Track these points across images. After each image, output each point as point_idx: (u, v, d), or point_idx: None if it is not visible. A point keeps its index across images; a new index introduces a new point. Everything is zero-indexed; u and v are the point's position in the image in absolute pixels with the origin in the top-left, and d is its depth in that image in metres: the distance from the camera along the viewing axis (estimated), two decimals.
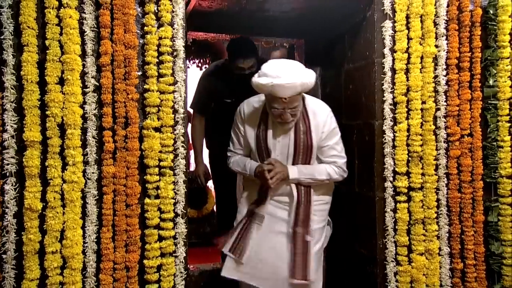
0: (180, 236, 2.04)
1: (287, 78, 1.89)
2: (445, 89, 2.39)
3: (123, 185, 1.94)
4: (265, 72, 1.95)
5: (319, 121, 2.13)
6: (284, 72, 1.91)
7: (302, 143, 2.12)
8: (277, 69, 1.94)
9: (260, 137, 2.15)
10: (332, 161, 2.17)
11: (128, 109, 1.95)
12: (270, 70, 1.95)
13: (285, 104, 1.96)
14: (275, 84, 1.89)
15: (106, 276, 1.89)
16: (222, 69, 3.08)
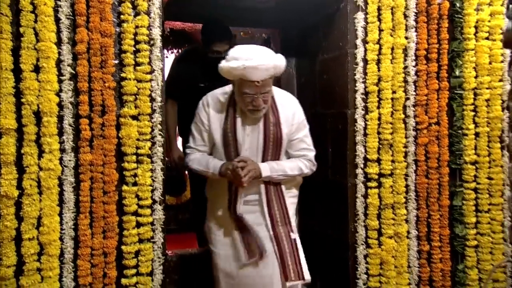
0: (158, 222, 2.02)
1: (260, 59, 1.78)
2: (414, 80, 2.41)
3: (101, 172, 1.91)
4: (235, 55, 1.82)
5: (289, 112, 2.02)
6: (255, 54, 1.81)
7: (272, 135, 1.97)
8: (248, 52, 1.83)
9: (227, 130, 1.97)
10: (302, 155, 2.05)
11: (105, 97, 1.92)
12: (240, 53, 1.83)
13: (257, 89, 1.83)
14: (248, 66, 1.76)
15: (84, 262, 1.87)
16: (195, 54, 3.02)
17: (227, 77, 1.90)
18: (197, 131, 2.05)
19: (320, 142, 2.67)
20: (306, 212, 2.80)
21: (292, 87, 3.10)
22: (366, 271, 2.33)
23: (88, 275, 1.88)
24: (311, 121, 2.82)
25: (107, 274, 1.92)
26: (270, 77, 1.85)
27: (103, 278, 1.91)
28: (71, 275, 1.86)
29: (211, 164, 1.98)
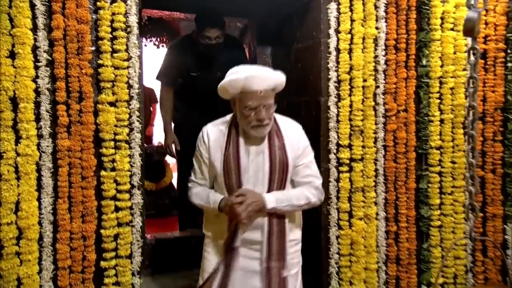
0: (136, 206, 2.02)
1: (260, 70, 1.75)
2: (384, 68, 2.43)
3: (79, 158, 1.90)
4: (233, 71, 1.75)
5: (293, 137, 1.88)
6: (254, 67, 1.79)
7: (278, 160, 1.80)
8: (247, 67, 1.78)
9: (229, 155, 1.79)
10: (308, 181, 1.87)
11: (82, 83, 1.89)
12: (239, 69, 1.75)
13: (260, 100, 1.71)
14: (249, 76, 1.68)
15: (63, 245, 1.86)
16: (188, 42, 3.04)
17: (227, 97, 1.80)
18: (197, 164, 1.90)
19: None
20: None
21: None
22: (338, 251, 2.38)
23: (67, 258, 1.87)
24: (286, 109, 2.84)
25: (86, 257, 1.91)
26: (271, 89, 1.76)
27: (83, 261, 1.91)
28: (50, 258, 1.85)
29: (212, 198, 1.82)
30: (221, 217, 1.82)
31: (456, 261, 2.56)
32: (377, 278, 2.43)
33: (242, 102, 1.75)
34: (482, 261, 2.62)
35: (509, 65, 2.56)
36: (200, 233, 2.95)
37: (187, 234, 2.85)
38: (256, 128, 1.76)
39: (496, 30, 2.58)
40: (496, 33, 2.58)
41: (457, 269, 2.57)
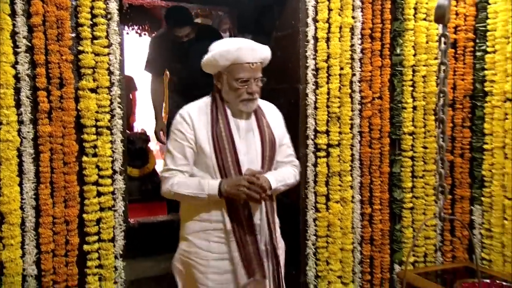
0: (118, 191, 2.01)
1: (251, 42, 1.70)
2: (360, 57, 2.45)
3: (60, 144, 1.87)
4: (222, 44, 1.70)
5: (275, 116, 1.87)
6: (243, 39, 1.73)
7: (267, 137, 1.75)
8: (235, 39, 1.75)
9: (220, 136, 1.67)
10: (290, 161, 1.87)
11: (62, 70, 1.86)
12: (227, 41, 1.73)
13: (252, 72, 1.66)
14: (242, 47, 1.64)
15: (46, 230, 1.85)
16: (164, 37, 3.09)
17: (213, 71, 1.72)
18: (177, 150, 1.69)
19: None
20: None
21: None
22: (315, 233, 2.42)
23: (50, 242, 1.86)
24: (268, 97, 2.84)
25: (69, 241, 1.90)
26: (260, 61, 1.71)
27: (66, 245, 1.90)
28: (33, 242, 1.83)
29: (205, 185, 1.63)
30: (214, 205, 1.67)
31: (426, 241, 2.63)
32: (352, 258, 2.48)
33: (232, 74, 1.67)
34: (450, 241, 2.69)
35: (477, 54, 2.62)
36: None
37: (169, 218, 2.86)
38: (246, 102, 1.70)
39: (465, 20, 2.62)
40: (465, 23, 2.62)
41: (427, 248, 2.64)
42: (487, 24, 2.55)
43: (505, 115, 2.46)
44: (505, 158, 2.47)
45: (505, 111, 2.46)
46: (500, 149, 2.50)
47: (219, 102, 1.74)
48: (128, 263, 2.53)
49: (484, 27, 2.57)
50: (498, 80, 2.49)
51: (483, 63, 2.58)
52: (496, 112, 2.51)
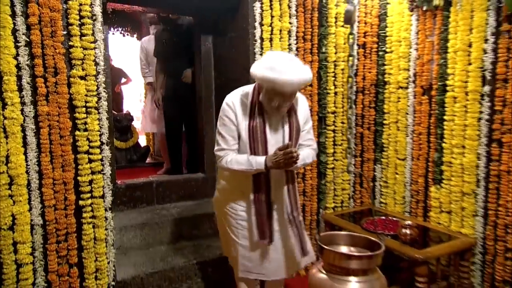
0: (106, 159, 2.01)
1: (292, 75, 1.49)
2: (296, 53, 2.52)
3: (56, 121, 1.86)
4: (271, 65, 1.50)
5: (303, 106, 1.79)
6: (289, 69, 1.50)
7: (295, 128, 1.72)
8: (283, 64, 1.50)
9: (256, 129, 1.64)
10: (309, 144, 1.81)
11: (56, 61, 1.83)
12: (276, 63, 1.50)
13: (285, 98, 1.56)
14: (284, 81, 1.47)
15: (48, 189, 1.85)
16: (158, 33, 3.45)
17: (260, 82, 1.59)
18: (227, 132, 1.66)
19: None
20: None
21: (210, 59, 3.10)
22: None
23: (52, 199, 1.87)
24: (225, 84, 2.90)
25: (67, 197, 1.91)
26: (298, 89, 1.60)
27: (64, 201, 1.91)
28: (38, 199, 1.84)
29: (253, 161, 1.63)
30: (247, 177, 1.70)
31: (342, 192, 2.79)
32: None
33: (269, 94, 1.56)
34: (359, 191, 2.87)
35: (380, 54, 2.74)
36: (160, 178, 3.03)
37: (150, 180, 2.90)
38: (275, 111, 1.63)
39: (371, 28, 2.73)
40: (371, 30, 2.73)
41: (343, 197, 2.80)
42: (386, 31, 2.67)
43: (398, 99, 2.63)
44: (397, 130, 2.65)
45: (398, 96, 2.63)
46: (394, 123, 2.67)
47: (256, 99, 1.66)
48: (117, 215, 2.60)
49: (384, 33, 2.69)
50: (393, 73, 2.64)
51: (384, 60, 2.70)
52: (392, 96, 2.67)
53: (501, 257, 2.09)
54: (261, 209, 1.72)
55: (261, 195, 1.72)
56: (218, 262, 2.33)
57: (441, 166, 2.37)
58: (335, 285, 1.23)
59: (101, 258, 2.02)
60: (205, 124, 3.08)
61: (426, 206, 2.52)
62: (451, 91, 2.27)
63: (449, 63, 2.27)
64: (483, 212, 2.17)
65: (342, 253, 1.28)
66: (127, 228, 2.50)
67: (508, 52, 2.00)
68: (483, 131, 2.14)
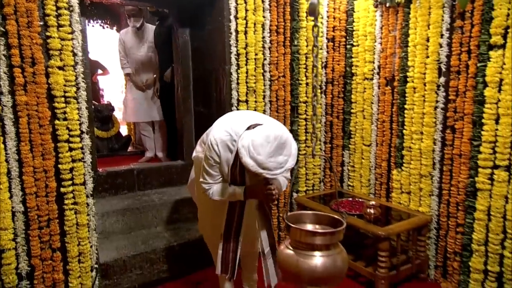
0: (86, 147, 1.99)
1: (274, 172, 1.42)
2: (269, 46, 2.53)
3: (35, 110, 1.81)
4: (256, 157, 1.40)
5: None
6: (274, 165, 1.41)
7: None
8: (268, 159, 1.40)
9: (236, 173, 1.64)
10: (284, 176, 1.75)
11: (33, 51, 1.77)
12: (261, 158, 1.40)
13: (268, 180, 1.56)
14: (262, 175, 1.42)
15: (28, 177, 1.82)
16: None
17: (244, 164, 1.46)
18: (213, 170, 1.65)
19: (208, 89, 2.78)
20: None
21: (188, 51, 3.07)
22: None
23: (32, 186, 1.83)
24: (202, 75, 2.88)
25: (48, 185, 1.88)
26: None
27: (46, 188, 1.88)
28: (18, 187, 1.80)
29: (235, 191, 1.65)
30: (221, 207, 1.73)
31: (313, 176, 2.86)
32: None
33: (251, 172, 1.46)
34: (329, 175, 2.95)
35: (347, 47, 2.79)
36: (141, 166, 3.01)
37: (131, 167, 2.87)
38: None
39: (340, 23, 2.78)
40: (340, 25, 2.78)
41: (314, 181, 2.87)
42: (353, 26, 2.73)
43: (364, 89, 2.71)
44: (363, 118, 2.74)
45: (364, 86, 2.71)
46: (360, 112, 2.75)
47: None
48: (99, 201, 2.57)
49: (352, 28, 2.74)
50: (360, 65, 2.71)
51: (351, 53, 2.76)
52: (358, 87, 2.74)
53: (452, 232, 2.22)
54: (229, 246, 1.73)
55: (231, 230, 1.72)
56: (198, 243, 2.36)
57: (402, 151, 2.47)
58: (300, 260, 1.27)
59: (84, 242, 2.01)
60: (184, 114, 3.07)
61: (388, 188, 2.63)
62: (411, 82, 2.36)
63: (410, 56, 2.35)
64: (438, 192, 2.29)
65: (307, 230, 1.32)
66: (109, 214, 2.48)
67: (460, 46, 2.10)
68: (438, 118, 2.24)
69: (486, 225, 2.02)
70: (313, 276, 1.25)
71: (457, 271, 2.19)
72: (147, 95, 3.59)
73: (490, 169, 1.98)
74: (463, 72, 2.09)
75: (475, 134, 2.05)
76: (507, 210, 1.92)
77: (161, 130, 3.71)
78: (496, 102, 1.93)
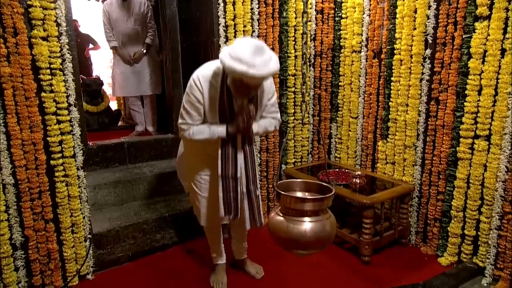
0: (74, 120, 1.96)
1: (261, 70, 1.38)
2: (258, 18, 2.47)
3: (20, 82, 1.76)
4: (239, 56, 1.37)
5: (269, 83, 1.73)
6: (258, 62, 1.38)
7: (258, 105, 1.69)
8: (252, 56, 1.37)
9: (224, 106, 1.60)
10: (272, 116, 1.79)
11: (15, 20, 1.70)
12: (244, 55, 1.37)
13: (252, 88, 1.52)
14: (250, 74, 1.37)
15: (17, 149, 1.79)
16: None
17: (227, 71, 1.45)
18: (193, 109, 1.61)
19: (196, 61, 2.72)
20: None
21: (176, 23, 3.00)
22: None
23: (22, 159, 1.81)
24: (191, 47, 2.81)
25: (38, 158, 1.86)
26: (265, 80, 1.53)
27: (35, 161, 1.86)
28: (7, 159, 1.78)
29: (215, 130, 1.63)
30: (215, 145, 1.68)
31: (302, 148, 2.88)
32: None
33: (236, 82, 1.49)
34: (317, 147, 2.97)
35: (336, 19, 2.75)
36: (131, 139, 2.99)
37: (121, 141, 2.85)
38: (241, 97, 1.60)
39: None
40: None
41: (303, 153, 2.89)
42: None
43: (352, 62, 2.70)
44: (351, 91, 2.75)
45: (352, 59, 2.70)
46: (348, 85, 2.76)
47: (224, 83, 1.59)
48: (91, 174, 2.57)
49: (340, 0, 2.68)
50: (348, 37, 2.69)
51: (340, 26, 2.73)
52: (346, 60, 2.73)
53: (433, 199, 2.29)
54: (228, 185, 1.72)
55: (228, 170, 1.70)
56: (189, 214, 2.39)
57: (387, 123, 2.50)
58: (290, 225, 1.31)
59: (76, 213, 2.02)
60: (173, 87, 3.02)
61: (374, 159, 2.67)
62: (398, 54, 2.35)
63: (397, 28, 2.33)
64: (421, 162, 2.35)
65: (297, 197, 1.35)
66: (101, 186, 2.49)
67: (447, 18, 2.08)
68: (424, 90, 2.26)
69: (465, 192, 2.09)
70: (303, 241, 1.29)
71: (436, 236, 2.29)
72: (135, 69, 3.51)
73: (471, 139, 2.03)
74: (449, 43, 2.09)
75: (458, 105, 2.07)
76: (485, 177, 1.98)
77: (150, 104, 3.67)
78: (480, 73, 1.95)
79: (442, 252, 2.25)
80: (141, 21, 3.46)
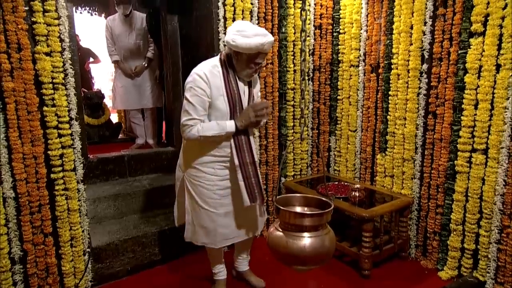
0: (76, 133, 1.96)
1: (271, 36, 1.61)
2: None
3: (23, 97, 1.77)
4: (250, 33, 1.55)
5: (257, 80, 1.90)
6: (264, 31, 1.60)
7: (252, 96, 1.80)
8: (259, 29, 1.59)
9: (234, 94, 1.67)
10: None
11: (19, 37, 1.73)
12: (254, 30, 1.56)
13: (265, 57, 1.68)
14: (267, 42, 1.57)
15: (18, 163, 1.79)
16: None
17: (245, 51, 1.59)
18: (198, 102, 1.63)
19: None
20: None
21: (177, 38, 3.03)
22: None
23: (22, 172, 1.81)
24: (191, 62, 2.83)
25: (39, 171, 1.86)
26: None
27: (36, 174, 1.85)
28: (8, 173, 1.77)
29: (224, 125, 1.66)
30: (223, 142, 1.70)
31: (301, 161, 2.89)
32: None
33: (253, 58, 1.62)
34: (316, 160, 2.98)
35: (334, 34, 2.80)
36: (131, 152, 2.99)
37: (121, 154, 2.85)
38: (251, 75, 1.72)
39: (326, 10, 2.76)
40: (327, 13, 2.77)
41: (302, 166, 2.90)
42: (339, 14, 2.72)
43: (350, 76, 2.73)
44: (349, 105, 2.77)
45: (350, 74, 2.73)
46: (346, 98, 2.78)
47: (229, 69, 1.69)
48: (91, 187, 2.56)
49: (338, 16, 2.74)
50: (346, 52, 2.73)
51: (338, 41, 2.77)
52: (344, 74, 2.76)
53: (432, 212, 2.29)
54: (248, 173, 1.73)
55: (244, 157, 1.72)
56: None
57: (386, 136, 2.51)
58: (290, 241, 1.30)
59: (76, 227, 2.00)
60: (173, 100, 3.04)
61: (373, 172, 2.67)
62: (395, 68, 2.38)
63: (394, 43, 2.37)
64: (419, 175, 2.35)
65: (296, 212, 1.35)
66: (101, 199, 2.47)
67: (443, 34, 2.12)
68: (421, 104, 2.28)
69: (464, 206, 2.09)
70: (302, 256, 1.28)
71: (436, 249, 2.27)
72: (136, 83, 3.54)
73: (469, 152, 2.03)
74: (445, 59, 2.12)
75: (455, 119, 2.09)
76: (484, 191, 1.98)
77: (151, 117, 3.68)
78: (476, 88, 1.97)
79: (442, 266, 2.23)
80: (142, 36, 3.51)
